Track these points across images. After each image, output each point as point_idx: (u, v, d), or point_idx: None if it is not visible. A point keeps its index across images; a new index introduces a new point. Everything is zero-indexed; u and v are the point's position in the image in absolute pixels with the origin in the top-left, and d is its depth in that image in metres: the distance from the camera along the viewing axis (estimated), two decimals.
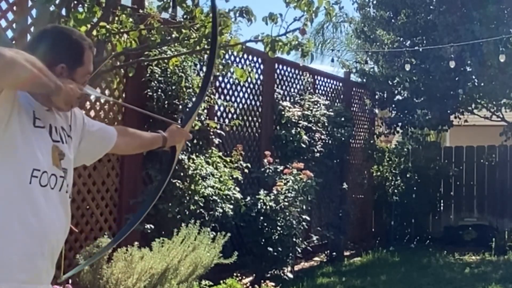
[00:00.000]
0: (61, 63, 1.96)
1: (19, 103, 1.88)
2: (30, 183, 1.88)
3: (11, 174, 1.86)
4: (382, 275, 7.61)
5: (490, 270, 8.01)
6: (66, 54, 1.99)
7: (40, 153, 1.92)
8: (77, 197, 5.02)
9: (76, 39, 2.03)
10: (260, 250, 6.54)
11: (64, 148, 2.04)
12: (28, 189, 1.87)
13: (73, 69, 1.98)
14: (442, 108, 9.96)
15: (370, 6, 10.50)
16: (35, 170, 1.88)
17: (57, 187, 1.97)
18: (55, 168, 1.96)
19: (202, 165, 5.86)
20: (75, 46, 2.02)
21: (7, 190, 1.84)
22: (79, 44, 2.03)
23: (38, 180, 1.90)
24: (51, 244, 1.99)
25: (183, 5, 4.25)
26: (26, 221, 1.86)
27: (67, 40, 2.02)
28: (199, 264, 4.85)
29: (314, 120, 8.30)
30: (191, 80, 5.68)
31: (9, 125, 1.84)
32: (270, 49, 4.06)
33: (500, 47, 8.29)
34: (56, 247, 2.04)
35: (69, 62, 1.98)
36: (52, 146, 1.97)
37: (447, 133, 13.05)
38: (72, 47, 2.01)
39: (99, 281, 4.36)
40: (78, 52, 2.02)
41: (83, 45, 2.03)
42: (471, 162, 11.23)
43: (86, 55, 2.03)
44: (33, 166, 1.88)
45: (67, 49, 2.00)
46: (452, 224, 10.89)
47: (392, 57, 9.99)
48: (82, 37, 2.08)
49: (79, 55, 2.01)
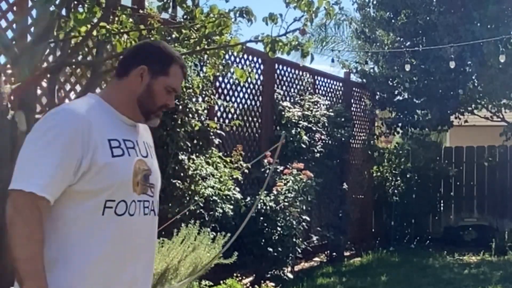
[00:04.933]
0: (144, 65, 2.00)
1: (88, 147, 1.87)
2: (103, 214, 1.88)
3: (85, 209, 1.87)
4: (382, 275, 7.61)
5: (490, 271, 8.01)
6: (152, 59, 2.03)
7: (119, 181, 1.91)
8: None
9: (167, 51, 2.06)
10: (260, 250, 6.54)
11: (151, 162, 2.07)
12: (101, 220, 1.88)
13: (155, 76, 2.01)
14: (442, 108, 9.96)
15: (370, 6, 10.50)
16: (108, 201, 1.88)
17: (140, 212, 1.99)
18: (135, 195, 1.96)
19: (202, 165, 5.86)
20: (164, 55, 2.04)
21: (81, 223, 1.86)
22: (170, 55, 2.06)
23: (114, 210, 1.90)
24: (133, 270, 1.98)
25: (183, 5, 4.25)
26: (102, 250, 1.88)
27: (157, 48, 2.07)
28: (199, 264, 4.85)
29: (314, 120, 8.30)
30: (191, 80, 5.68)
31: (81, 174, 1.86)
32: (270, 49, 4.06)
33: (500, 48, 8.29)
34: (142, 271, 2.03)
35: (153, 67, 2.01)
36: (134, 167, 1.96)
37: (447, 133, 13.06)
38: (160, 55, 2.04)
39: None
40: (165, 61, 2.04)
41: (174, 58, 2.06)
42: (471, 162, 11.23)
43: (173, 68, 2.05)
44: (106, 198, 1.88)
45: (154, 55, 2.04)
46: (452, 225, 10.89)
47: (392, 58, 9.99)
48: (177, 54, 2.11)
49: (165, 65, 2.03)
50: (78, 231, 1.86)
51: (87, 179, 1.86)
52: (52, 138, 1.84)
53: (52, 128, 1.86)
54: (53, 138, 1.83)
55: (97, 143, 1.88)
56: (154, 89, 2.02)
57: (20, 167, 1.85)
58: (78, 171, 1.84)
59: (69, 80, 5.00)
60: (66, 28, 3.96)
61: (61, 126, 1.86)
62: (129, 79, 2.02)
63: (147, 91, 2.02)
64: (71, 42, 4.03)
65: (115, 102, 2.01)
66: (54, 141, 1.83)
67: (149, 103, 2.03)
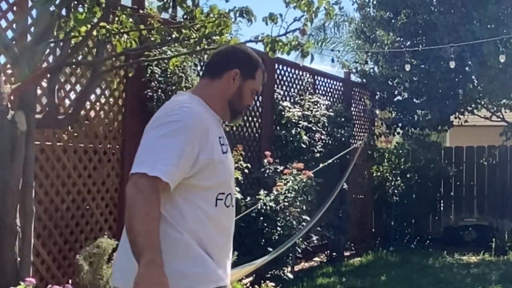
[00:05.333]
0: (237, 69, 2.24)
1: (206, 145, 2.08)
2: (216, 205, 2.12)
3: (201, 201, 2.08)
4: (382, 275, 7.61)
5: (490, 271, 8.01)
6: (243, 63, 2.26)
7: (227, 177, 2.18)
8: (77, 197, 5.02)
9: (254, 56, 2.31)
10: (260, 250, 6.53)
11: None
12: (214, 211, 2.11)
13: (245, 79, 2.25)
14: (442, 108, 9.96)
15: (370, 6, 10.50)
16: (220, 194, 2.13)
17: (233, 204, 2.24)
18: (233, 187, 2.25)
19: None
20: (251, 60, 2.29)
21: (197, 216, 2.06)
22: (255, 60, 2.31)
23: (223, 202, 2.15)
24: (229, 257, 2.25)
25: (183, 5, 4.25)
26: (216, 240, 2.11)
27: (246, 53, 2.30)
28: None
29: (314, 120, 8.29)
30: (191, 80, 5.68)
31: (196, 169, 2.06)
32: (270, 49, 4.06)
33: (500, 47, 8.28)
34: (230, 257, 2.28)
35: (243, 70, 2.25)
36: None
37: (447, 133, 13.05)
38: (248, 60, 2.29)
39: (99, 281, 4.36)
40: (253, 66, 2.28)
41: (258, 63, 2.31)
42: (471, 162, 11.23)
43: (258, 73, 2.30)
44: (219, 191, 2.13)
45: (244, 60, 2.28)
46: (452, 225, 10.89)
47: (392, 58, 9.98)
48: (258, 59, 2.34)
49: (253, 69, 2.28)
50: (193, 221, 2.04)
51: (205, 175, 2.07)
52: (176, 130, 2.01)
53: (176, 121, 2.03)
54: (177, 130, 2.01)
55: (213, 141, 2.11)
56: (243, 91, 2.26)
57: (143, 153, 2.01)
58: (194, 165, 2.03)
59: (69, 80, 5.00)
60: (66, 28, 3.96)
61: (185, 120, 2.04)
62: (222, 81, 2.24)
63: (238, 93, 2.25)
64: (71, 42, 4.03)
65: (210, 102, 2.22)
66: (178, 133, 2.01)
67: (238, 103, 2.28)
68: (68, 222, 4.94)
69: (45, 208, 4.74)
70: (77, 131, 5.05)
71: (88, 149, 5.12)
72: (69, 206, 4.95)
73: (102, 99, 5.34)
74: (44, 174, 4.73)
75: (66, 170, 4.91)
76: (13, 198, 3.61)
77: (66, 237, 4.92)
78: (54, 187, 4.82)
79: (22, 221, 3.68)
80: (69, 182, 4.94)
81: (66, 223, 4.92)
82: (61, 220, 4.88)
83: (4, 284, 3.49)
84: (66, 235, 4.92)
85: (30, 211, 3.73)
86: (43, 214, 4.71)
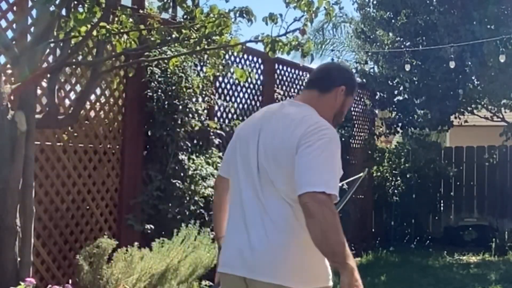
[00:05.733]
0: (344, 85, 2.47)
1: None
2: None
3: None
4: (382, 275, 7.61)
5: (490, 271, 8.01)
6: (348, 81, 2.51)
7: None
8: (77, 197, 5.02)
9: (354, 76, 2.64)
10: None
11: None
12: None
13: (347, 95, 2.49)
14: (442, 108, 9.95)
15: (370, 6, 10.49)
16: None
17: None
18: None
19: (202, 165, 5.86)
20: (353, 79, 2.58)
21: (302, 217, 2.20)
22: (355, 81, 2.60)
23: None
24: None
25: (183, 5, 4.25)
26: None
27: (350, 72, 2.61)
28: (199, 264, 4.85)
29: None
30: (191, 80, 5.68)
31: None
32: (270, 49, 4.06)
33: (500, 48, 8.28)
34: None
35: (348, 87, 2.49)
36: None
37: (447, 133, 13.04)
38: (352, 78, 2.57)
39: (99, 281, 4.36)
40: (354, 84, 2.55)
41: (356, 84, 2.59)
42: (471, 162, 11.23)
43: (355, 91, 2.57)
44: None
45: (349, 77, 2.54)
46: (452, 225, 10.89)
47: (392, 58, 9.98)
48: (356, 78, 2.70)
49: (353, 87, 2.53)
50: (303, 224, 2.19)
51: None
52: (334, 148, 2.25)
53: (331, 139, 2.25)
54: (335, 148, 2.26)
55: None
56: (345, 105, 2.50)
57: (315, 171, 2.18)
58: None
59: (69, 80, 5.00)
60: (66, 28, 3.96)
61: (336, 138, 2.29)
62: (331, 95, 2.46)
63: (341, 107, 2.49)
64: (71, 42, 4.03)
65: (321, 114, 2.39)
66: (336, 151, 2.26)
67: (339, 116, 2.52)
68: (68, 222, 4.94)
69: (45, 208, 4.74)
70: (77, 131, 5.05)
71: (88, 149, 5.12)
72: (69, 206, 4.95)
73: (102, 99, 5.34)
74: (44, 174, 4.73)
75: (66, 170, 4.91)
76: (13, 198, 3.61)
77: (66, 237, 4.92)
78: (54, 187, 4.82)
79: (22, 221, 3.68)
80: (69, 182, 4.94)
81: (66, 223, 4.92)
82: (61, 220, 4.88)
83: (4, 284, 3.49)
84: (66, 235, 4.92)
85: (30, 211, 3.73)
86: (43, 214, 4.71)
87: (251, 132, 2.43)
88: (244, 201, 2.37)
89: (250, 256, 2.29)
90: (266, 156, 2.33)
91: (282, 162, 2.27)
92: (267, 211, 2.30)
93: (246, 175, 2.39)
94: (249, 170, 2.38)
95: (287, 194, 2.26)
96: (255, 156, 2.36)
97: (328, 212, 2.09)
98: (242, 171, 2.41)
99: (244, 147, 2.43)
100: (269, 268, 2.25)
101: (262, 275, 2.26)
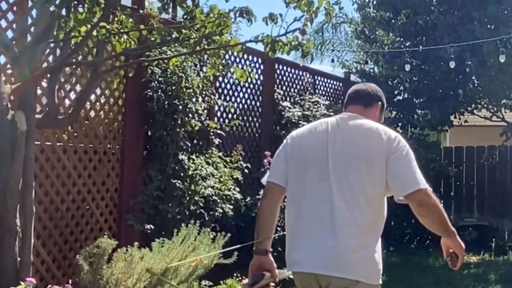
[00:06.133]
0: (380, 102, 3.00)
1: None
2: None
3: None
4: (382, 275, 7.59)
5: (490, 271, 8.01)
6: (382, 99, 3.03)
7: None
8: (77, 197, 5.02)
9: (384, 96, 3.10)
10: None
11: None
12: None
13: (381, 111, 3.00)
14: (442, 108, 9.95)
15: (370, 6, 10.49)
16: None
17: None
18: None
19: (202, 165, 5.86)
20: (384, 98, 3.06)
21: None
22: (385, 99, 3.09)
23: None
24: None
25: (183, 5, 4.25)
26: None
27: (382, 92, 3.06)
28: (199, 264, 4.85)
29: (314, 120, 8.28)
30: (191, 80, 5.68)
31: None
32: (270, 49, 4.06)
33: (500, 47, 8.28)
34: None
35: (382, 104, 3.02)
36: None
37: (447, 133, 13.05)
38: (383, 97, 3.06)
39: (99, 281, 4.36)
40: (384, 102, 3.06)
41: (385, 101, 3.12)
42: (471, 162, 11.22)
43: (385, 108, 3.11)
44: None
45: (382, 96, 3.05)
46: (452, 224, 10.86)
47: (392, 58, 9.98)
48: None
49: (384, 104, 3.05)
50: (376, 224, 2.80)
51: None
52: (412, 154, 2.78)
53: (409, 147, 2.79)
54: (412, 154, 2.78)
55: None
56: (380, 118, 2.98)
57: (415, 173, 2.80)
58: None
59: (69, 80, 5.00)
60: (66, 28, 3.96)
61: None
62: (372, 109, 2.94)
63: (378, 120, 2.94)
64: (71, 42, 4.03)
65: None
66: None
67: None
68: (68, 222, 4.94)
69: (45, 208, 4.74)
70: (77, 131, 5.04)
71: (88, 149, 5.12)
72: (69, 206, 4.95)
73: (102, 99, 5.34)
74: (44, 174, 4.73)
75: (66, 170, 4.91)
76: (13, 198, 3.61)
77: (66, 237, 4.92)
78: (54, 187, 4.82)
79: (22, 221, 3.68)
80: (69, 182, 4.94)
81: (66, 223, 4.92)
82: (61, 220, 4.88)
83: (4, 284, 3.49)
84: (66, 235, 4.92)
85: (30, 211, 3.73)
86: (43, 214, 4.71)
87: (319, 143, 2.75)
88: (318, 204, 2.66)
89: (329, 254, 2.59)
90: (346, 161, 2.67)
91: (371, 165, 2.67)
92: (350, 212, 2.62)
93: (319, 180, 2.68)
94: (323, 175, 2.68)
95: (372, 195, 2.72)
96: (330, 162, 2.68)
97: (437, 201, 2.79)
98: (313, 176, 2.70)
99: (314, 155, 2.73)
100: (346, 265, 2.57)
101: (339, 271, 2.57)
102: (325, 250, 2.59)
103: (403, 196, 2.77)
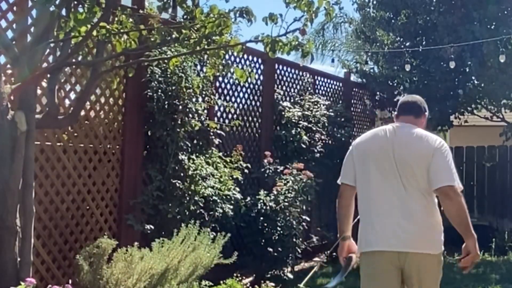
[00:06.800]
0: (426, 112, 3.71)
1: None
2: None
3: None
4: None
5: (490, 271, 8.01)
6: (427, 109, 3.73)
7: None
8: (77, 197, 5.02)
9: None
10: (260, 250, 6.54)
11: None
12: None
13: (426, 121, 3.66)
14: (442, 108, 9.94)
15: (370, 6, 10.49)
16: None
17: None
18: None
19: (202, 165, 5.86)
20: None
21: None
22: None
23: None
24: None
25: (183, 5, 4.25)
26: None
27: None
28: (199, 265, 4.85)
29: (314, 120, 8.29)
30: (191, 80, 5.68)
31: None
32: (270, 49, 4.06)
33: (500, 48, 8.28)
34: None
35: (427, 114, 3.72)
36: None
37: (447, 133, 13.04)
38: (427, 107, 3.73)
39: (99, 282, 4.36)
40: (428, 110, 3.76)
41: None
42: (471, 162, 11.22)
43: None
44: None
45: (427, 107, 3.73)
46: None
47: (392, 58, 9.98)
48: None
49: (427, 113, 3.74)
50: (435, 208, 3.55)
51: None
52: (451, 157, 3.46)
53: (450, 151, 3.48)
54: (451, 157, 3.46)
55: None
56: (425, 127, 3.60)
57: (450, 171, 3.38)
58: None
59: (69, 80, 5.00)
60: (66, 28, 3.96)
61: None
62: (421, 119, 3.64)
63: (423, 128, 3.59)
64: (71, 42, 4.03)
65: None
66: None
67: None
68: (68, 222, 4.94)
69: (45, 208, 4.74)
70: (77, 131, 5.04)
71: (88, 149, 5.12)
72: (69, 206, 4.95)
73: (102, 99, 5.34)
74: (44, 174, 4.73)
75: (66, 170, 4.91)
76: (13, 198, 3.61)
77: (66, 237, 4.92)
78: (54, 187, 4.82)
79: (22, 221, 3.68)
80: (69, 182, 4.94)
81: (66, 223, 4.92)
82: (61, 220, 4.88)
83: (4, 284, 3.49)
84: (66, 235, 4.92)
85: (30, 211, 3.73)
86: (43, 214, 4.71)
87: (383, 148, 3.49)
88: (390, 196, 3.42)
89: (404, 235, 3.39)
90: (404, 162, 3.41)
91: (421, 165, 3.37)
92: (412, 201, 3.40)
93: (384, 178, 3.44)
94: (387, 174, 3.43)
95: (424, 188, 3.39)
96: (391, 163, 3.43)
97: (461, 198, 3.34)
98: (378, 175, 3.46)
99: (381, 158, 3.46)
100: (421, 242, 3.43)
101: (417, 248, 3.41)
102: (404, 233, 3.38)
103: (435, 188, 3.35)
